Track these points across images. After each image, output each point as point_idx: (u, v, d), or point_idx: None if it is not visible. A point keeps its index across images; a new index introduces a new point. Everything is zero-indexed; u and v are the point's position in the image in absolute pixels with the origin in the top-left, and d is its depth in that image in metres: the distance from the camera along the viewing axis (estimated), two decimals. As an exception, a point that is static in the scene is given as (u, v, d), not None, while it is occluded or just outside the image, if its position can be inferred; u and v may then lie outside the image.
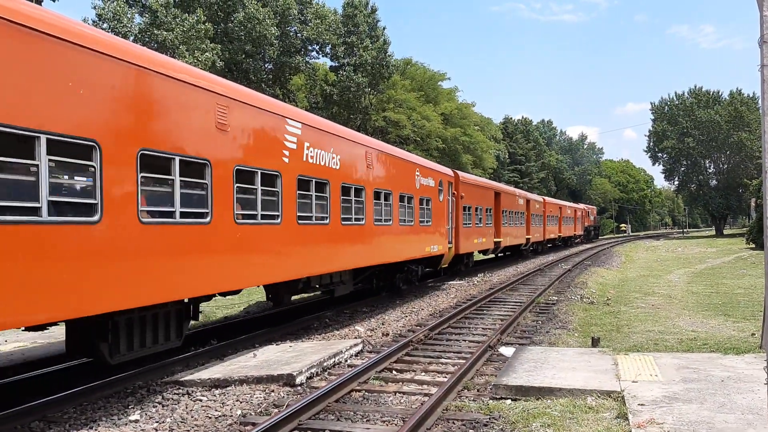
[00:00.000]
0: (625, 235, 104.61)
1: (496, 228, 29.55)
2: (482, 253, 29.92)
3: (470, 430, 6.62)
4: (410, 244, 17.53)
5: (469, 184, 24.93)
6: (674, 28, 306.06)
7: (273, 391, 8.15)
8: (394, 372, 9.40)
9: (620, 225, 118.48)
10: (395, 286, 18.26)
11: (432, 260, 20.51)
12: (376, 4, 41.29)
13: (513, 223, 33.25)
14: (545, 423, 6.57)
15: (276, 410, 7.27)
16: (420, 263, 19.72)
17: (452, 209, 21.94)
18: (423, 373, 9.30)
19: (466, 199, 23.76)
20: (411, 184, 17.54)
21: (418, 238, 18.06)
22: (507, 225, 31.46)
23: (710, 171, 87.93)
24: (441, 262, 21.26)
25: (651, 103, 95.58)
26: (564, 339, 11.97)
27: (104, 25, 27.34)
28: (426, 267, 20.87)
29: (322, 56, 41.73)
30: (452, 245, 21.81)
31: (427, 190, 18.95)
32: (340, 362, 9.82)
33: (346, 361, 9.98)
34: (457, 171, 24.69)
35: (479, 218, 25.97)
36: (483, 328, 13.17)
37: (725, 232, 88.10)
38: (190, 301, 9.36)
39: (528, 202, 37.76)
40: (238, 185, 9.25)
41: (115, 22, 27.48)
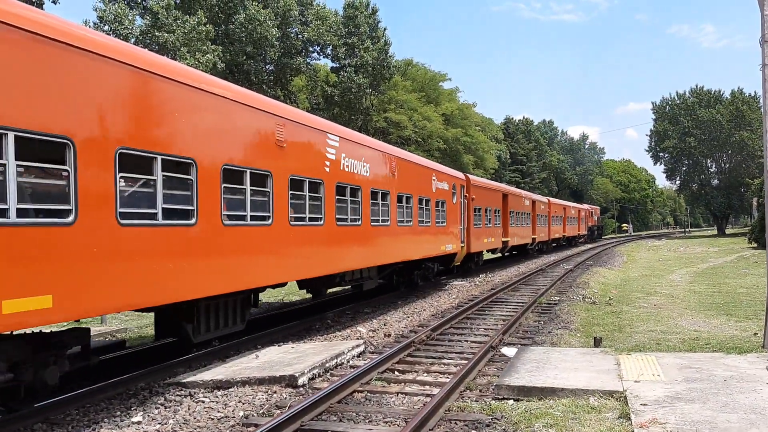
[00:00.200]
0: (626, 234, 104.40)
1: (504, 228, 30.66)
2: (491, 252, 30.83)
3: (472, 431, 6.62)
4: (427, 244, 18.82)
5: (479, 186, 26.02)
6: (675, 28, 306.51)
7: (275, 392, 8.16)
8: (396, 373, 9.41)
9: (622, 225, 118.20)
10: (413, 282, 19.49)
11: (446, 258, 21.65)
12: (377, 5, 41.33)
13: (520, 224, 34.16)
14: (547, 423, 6.57)
15: (278, 411, 7.28)
16: (435, 261, 20.91)
17: (464, 211, 23.11)
18: (425, 374, 9.30)
19: (477, 201, 24.83)
20: (428, 188, 18.86)
21: (434, 238, 19.32)
22: (514, 225, 32.46)
23: (712, 170, 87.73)
24: (454, 260, 22.47)
25: (652, 103, 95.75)
26: (566, 339, 11.97)
27: (105, 27, 27.38)
28: (440, 265, 21.95)
29: (323, 57, 41.79)
30: (464, 244, 22.92)
31: (442, 194, 20.23)
32: (343, 363, 9.83)
33: (348, 362, 9.98)
34: (468, 174, 25.86)
35: (489, 219, 27.09)
36: (485, 329, 13.16)
37: (727, 231, 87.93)
38: (251, 290, 10.70)
39: (534, 203, 38.62)
40: (291, 192, 10.68)
41: (117, 24, 27.52)
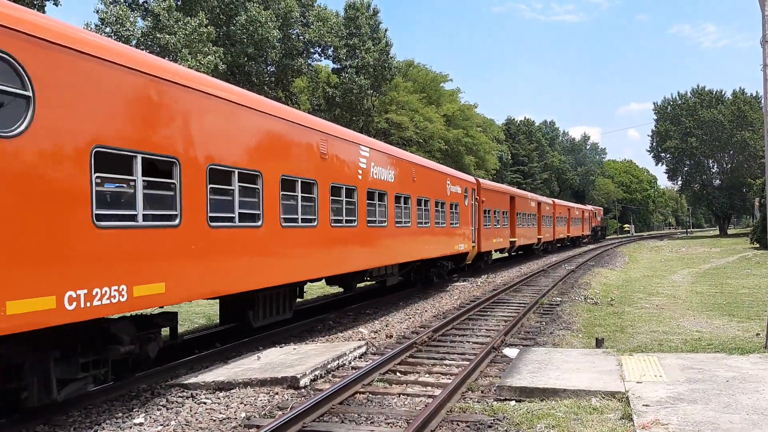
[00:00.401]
0: (628, 235, 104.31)
1: (512, 229, 32.13)
2: (498, 252, 32.08)
3: (474, 432, 6.62)
4: (443, 243, 20.19)
5: (488, 189, 27.54)
6: (676, 28, 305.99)
7: (277, 393, 8.16)
8: (398, 374, 9.41)
9: (624, 225, 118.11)
10: (429, 278, 20.78)
11: (459, 257, 23.13)
12: (378, 6, 41.38)
13: (526, 225, 35.44)
14: (549, 424, 6.56)
15: (280, 412, 7.27)
16: (449, 260, 22.25)
17: (475, 212, 24.58)
18: (427, 375, 9.30)
19: (486, 203, 26.22)
20: (443, 191, 20.25)
21: (448, 238, 20.73)
22: (521, 226, 33.79)
23: (714, 171, 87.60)
24: (466, 259, 23.92)
25: (654, 103, 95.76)
26: (568, 340, 11.95)
27: (107, 29, 27.43)
28: (453, 263, 23.23)
29: (324, 58, 41.82)
30: (475, 244, 24.38)
31: (456, 197, 21.62)
32: (344, 364, 9.82)
33: (350, 363, 9.98)
34: (478, 178, 27.45)
35: (497, 220, 28.55)
36: (487, 330, 13.15)
37: (729, 231, 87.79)
38: (297, 283, 11.92)
39: (539, 205, 39.90)
40: (332, 197, 12.15)
41: (118, 26, 27.57)
